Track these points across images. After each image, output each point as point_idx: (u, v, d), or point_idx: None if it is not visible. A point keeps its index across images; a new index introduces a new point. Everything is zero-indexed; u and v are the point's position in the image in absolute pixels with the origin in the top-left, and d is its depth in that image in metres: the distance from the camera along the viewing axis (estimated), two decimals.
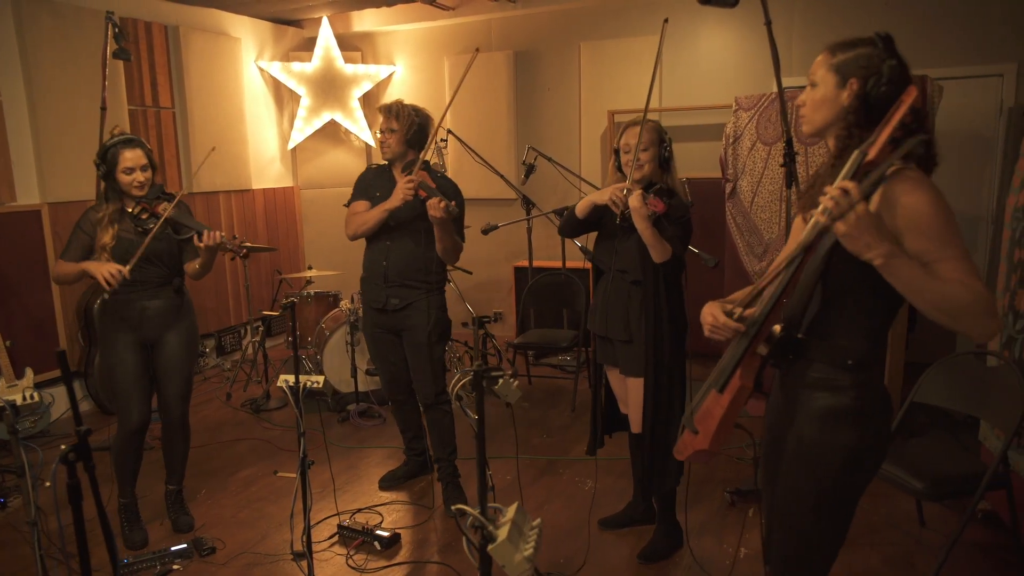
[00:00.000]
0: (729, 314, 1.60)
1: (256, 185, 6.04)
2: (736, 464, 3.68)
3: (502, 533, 1.33)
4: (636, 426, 2.72)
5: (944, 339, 4.74)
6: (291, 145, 6.30)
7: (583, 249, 4.48)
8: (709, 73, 5.46)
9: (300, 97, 6.16)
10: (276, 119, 6.31)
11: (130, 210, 2.94)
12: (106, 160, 2.89)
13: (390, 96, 6.53)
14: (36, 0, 4.33)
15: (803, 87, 1.67)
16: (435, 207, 2.90)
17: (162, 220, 2.89)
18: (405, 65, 6.46)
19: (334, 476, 3.50)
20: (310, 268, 4.99)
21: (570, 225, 2.81)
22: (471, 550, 1.40)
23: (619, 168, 2.70)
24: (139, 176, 2.91)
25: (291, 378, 2.47)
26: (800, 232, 1.76)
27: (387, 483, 3.59)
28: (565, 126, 5.99)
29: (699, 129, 5.52)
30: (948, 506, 3.12)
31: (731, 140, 4.63)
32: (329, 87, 6.19)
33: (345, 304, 4.99)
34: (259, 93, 6.10)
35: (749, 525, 3.09)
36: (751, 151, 4.46)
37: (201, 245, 2.91)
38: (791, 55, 5.15)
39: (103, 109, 3.87)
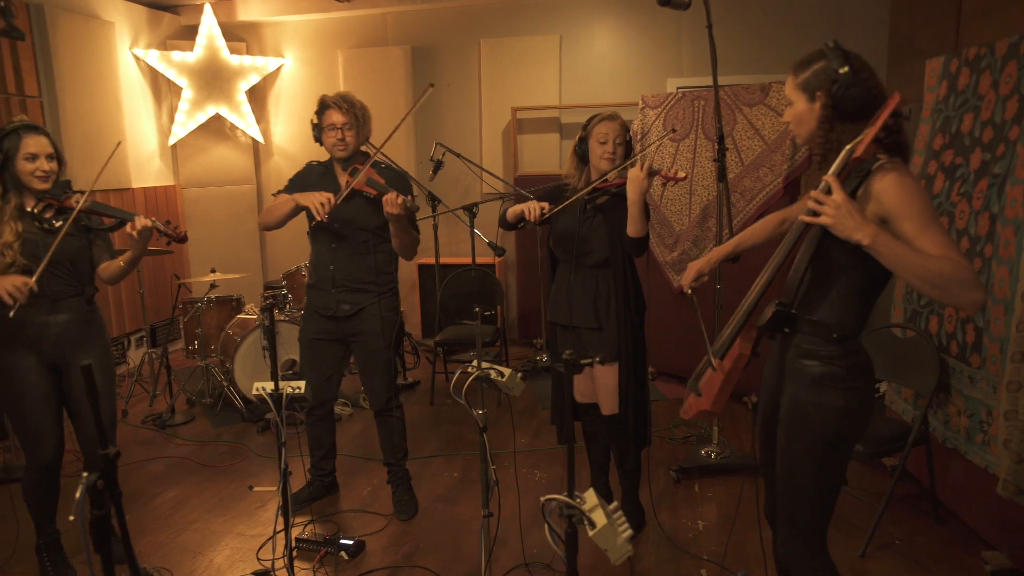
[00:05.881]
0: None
1: (136, 183, 5.55)
2: (669, 444, 3.89)
3: (599, 518, 1.35)
4: (609, 408, 2.79)
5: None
6: (172, 140, 5.83)
7: (492, 245, 4.51)
8: (607, 73, 5.68)
9: (181, 89, 5.73)
10: (155, 112, 5.82)
11: (31, 208, 2.55)
12: (2, 147, 2.49)
13: (280, 90, 6.24)
14: None
15: (695, 87, 1.92)
16: (392, 203, 2.77)
17: (77, 210, 2.51)
18: (295, 58, 6.18)
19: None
20: (213, 271, 4.67)
21: (506, 226, 2.95)
22: (556, 540, 1.40)
23: (581, 157, 2.80)
24: (44, 164, 2.53)
25: (269, 385, 2.34)
26: (770, 223, 2.10)
27: (291, 506, 3.32)
28: (465, 122, 6.00)
29: None
30: (860, 463, 3.47)
31: (639, 137, 4.86)
32: (214, 79, 5.80)
33: (251, 308, 4.73)
34: (135, 83, 5.60)
35: (700, 499, 3.29)
36: (659, 147, 4.70)
37: (134, 233, 2.53)
38: (680, 58, 5.48)
39: None
